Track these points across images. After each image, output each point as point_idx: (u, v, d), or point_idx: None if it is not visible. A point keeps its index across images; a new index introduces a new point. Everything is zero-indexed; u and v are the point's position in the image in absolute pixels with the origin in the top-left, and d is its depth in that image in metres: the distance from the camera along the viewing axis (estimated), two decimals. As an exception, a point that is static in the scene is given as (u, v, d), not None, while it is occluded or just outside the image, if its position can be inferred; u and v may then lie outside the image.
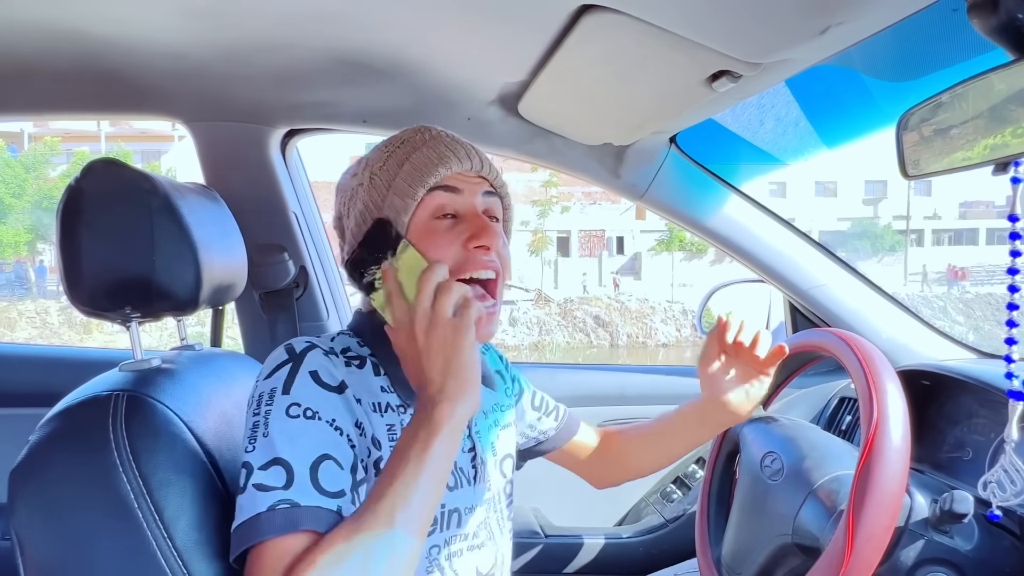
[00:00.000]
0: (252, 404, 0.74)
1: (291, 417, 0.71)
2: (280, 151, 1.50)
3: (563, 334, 22.35)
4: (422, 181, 0.80)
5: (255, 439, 0.71)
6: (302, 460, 0.69)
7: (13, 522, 0.72)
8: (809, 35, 0.85)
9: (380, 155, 0.84)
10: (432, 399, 0.71)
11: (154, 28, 1.01)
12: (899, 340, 1.48)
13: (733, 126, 1.56)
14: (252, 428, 0.72)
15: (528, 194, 29.05)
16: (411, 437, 0.70)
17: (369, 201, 0.82)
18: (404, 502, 0.67)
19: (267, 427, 0.71)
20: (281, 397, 0.72)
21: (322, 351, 0.77)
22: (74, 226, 0.82)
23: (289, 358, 0.75)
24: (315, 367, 0.75)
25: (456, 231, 0.81)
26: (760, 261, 1.53)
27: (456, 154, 0.82)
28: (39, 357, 1.81)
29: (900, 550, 0.85)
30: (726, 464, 1.15)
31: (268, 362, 0.77)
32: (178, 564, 0.72)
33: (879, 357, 0.88)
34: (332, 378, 0.75)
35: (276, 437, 0.70)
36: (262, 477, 0.68)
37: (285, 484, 0.68)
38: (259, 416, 0.72)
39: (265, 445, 0.70)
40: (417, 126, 0.86)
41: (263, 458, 0.69)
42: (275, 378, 0.74)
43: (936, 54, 1.15)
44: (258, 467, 0.69)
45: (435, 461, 0.69)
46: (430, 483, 0.69)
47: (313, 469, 0.69)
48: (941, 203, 32.38)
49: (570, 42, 0.95)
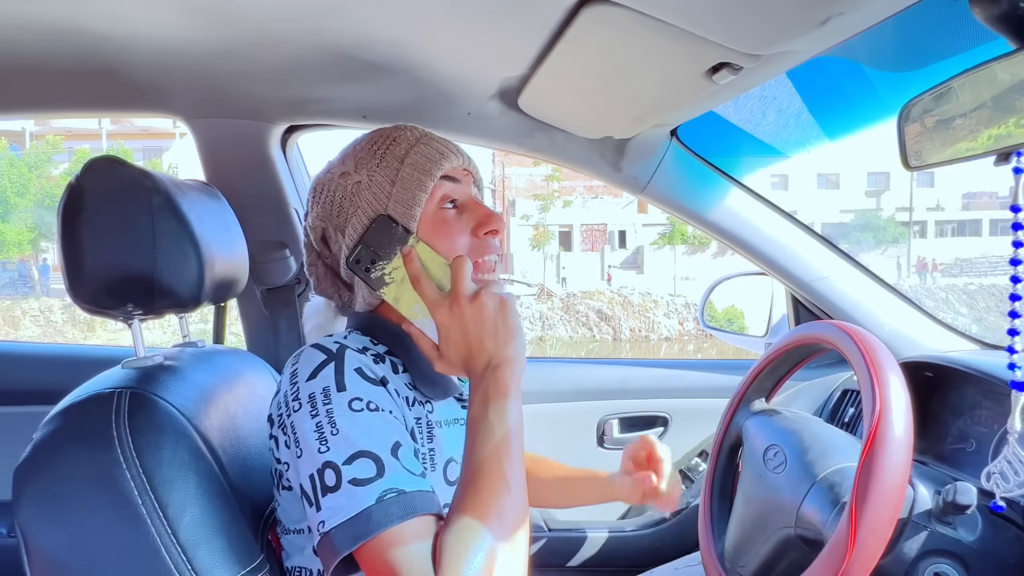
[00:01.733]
0: (301, 405, 0.72)
1: (355, 411, 0.71)
2: (281, 147, 1.50)
3: (566, 328, 22.36)
4: (430, 174, 0.83)
5: (325, 439, 0.69)
6: (383, 449, 0.69)
7: (18, 519, 0.73)
8: (810, 26, 0.85)
9: (371, 153, 0.85)
10: (492, 366, 0.72)
11: (153, 25, 1.01)
12: (902, 332, 1.48)
13: (734, 118, 1.56)
14: (316, 429, 0.70)
15: (530, 188, 29.03)
16: (483, 407, 0.71)
17: (372, 199, 0.83)
18: (509, 463, 0.69)
19: (335, 425, 0.70)
20: (338, 394, 0.71)
21: (354, 350, 0.77)
22: (75, 224, 0.82)
23: (328, 357, 0.75)
24: (357, 364, 0.75)
25: (464, 219, 0.86)
26: (762, 254, 1.53)
27: (450, 149, 0.86)
28: (42, 355, 1.82)
29: (903, 542, 0.85)
30: (729, 457, 1.15)
31: (304, 362, 0.75)
32: (182, 559, 0.72)
33: (881, 349, 0.88)
34: (374, 373, 0.76)
35: (350, 432, 0.69)
36: (353, 472, 0.68)
37: (378, 472, 0.67)
38: (319, 416, 0.70)
39: (341, 441, 0.69)
40: (397, 125, 0.88)
41: (344, 454, 0.68)
42: (323, 377, 0.73)
43: (938, 44, 1.14)
44: (343, 463, 0.68)
45: (517, 422, 0.71)
46: (519, 445, 0.71)
47: (395, 455, 0.70)
48: (944, 194, 32.30)
49: (570, 36, 0.95)
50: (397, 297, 0.79)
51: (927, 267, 27.43)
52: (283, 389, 0.76)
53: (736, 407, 1.14)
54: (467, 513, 0.66)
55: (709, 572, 1.05)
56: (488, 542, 0.64)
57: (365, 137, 0.88)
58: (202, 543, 0.74)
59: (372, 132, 0.89)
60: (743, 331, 1.99)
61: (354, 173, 0.84)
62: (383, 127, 0.88)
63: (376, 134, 0.87)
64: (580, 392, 1.75)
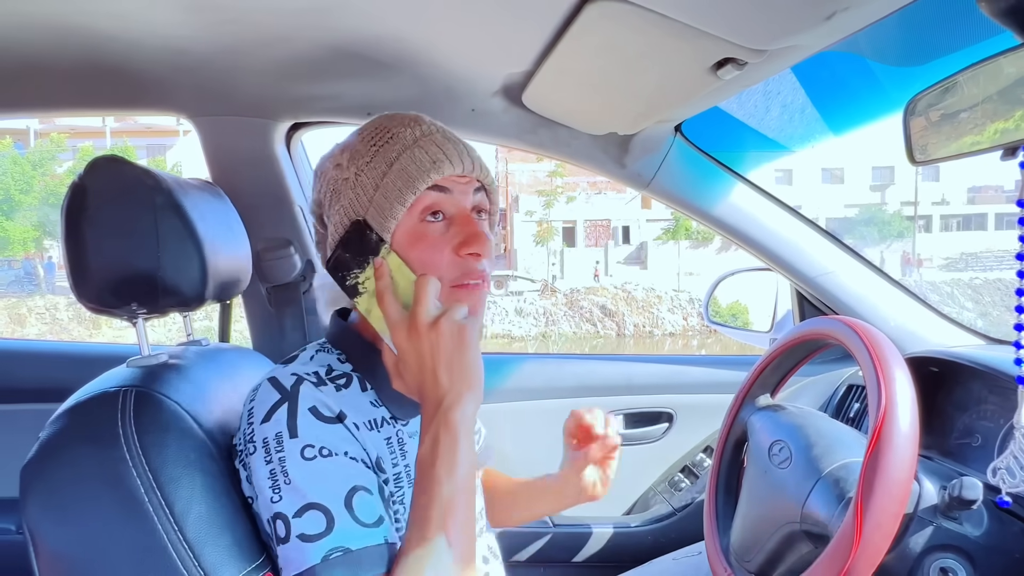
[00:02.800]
0: (255, 449, 0.71)
1: (307, 460, 0.69)
2: (285, 145, 1.50)
3: (570, 324, 22.36)
4: (412, 186, 0.76)
5: (278, 488, 0.69)
6: (335, 499, 0.68)
7: (25, 517, 0.73)
8: (815, 21, 0.84)
9: (366, 148, 0.79)
10: (442, 402, 0.69)
11: (156, 23, 1.01)
12: (907, 327, 1.47)
13: (739, 113, 1.55)
14: (270, 476, 0.69)
15: (533, 184, 28.99)
16: (433, 447, 0.69)
17: (354, 199, 0.78)
18: (451, 511, 0.67)
19: (287, 475, 0.69)
20: (290, 441, 0.70)
21: (311, 384, 0.74)
22: (79, 223, 0.82)
23: (282, 396, 0.72)
24: (312, 402, 0.72)
25: (448, 235, 0.79)
26: (766, 249, 1.52)
27: (449, 156, 0.78)
28: (48, 353, 1.83)
29: (909, 537, 0.85)
30: (734, 453, 1.14)
31: (259, 402, 0.73)
32: (189, 557, 0.72)
33: (887, 344, 0.87)
34: (330, 410, 0.73)
35: (300, 482, 0.68)
36: (302, 526, 0.67)
37: (326, 528, 0.67)
38: (272, 464, 0.70)
39: (292, 492, 0.68)
40: (405, 115, 0.82)
41: (295, 506, 0.68)
42: (276, 421, 0.71)
43: (943, 38, 1.14)
44: (292, 516, 0.67)
45: (464, 464, 0.69)
46: (467, 487, 0.69)
47: (348, 506, 0.68)
48: (949, 189, 32.15)
49: (573, 31, 0.95)
50: (369, 309, 0.75)
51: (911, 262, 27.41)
52: (242, 425, 0.75)
53: (741, 403, 1.14)
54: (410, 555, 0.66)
55: (715, 568, 1.05)
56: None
57: (370, 126, 0.83)
58: (208, 540, 0.74)
59: (379, 120, 0.83)
60: (747, 327, 1.99)
61: (345, 167, 0.80)
62: (394, 114, 0.83)
63: (380, 124, 0.82)
64: (584, 388, 1.75)
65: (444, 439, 0.68)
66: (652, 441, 1.76)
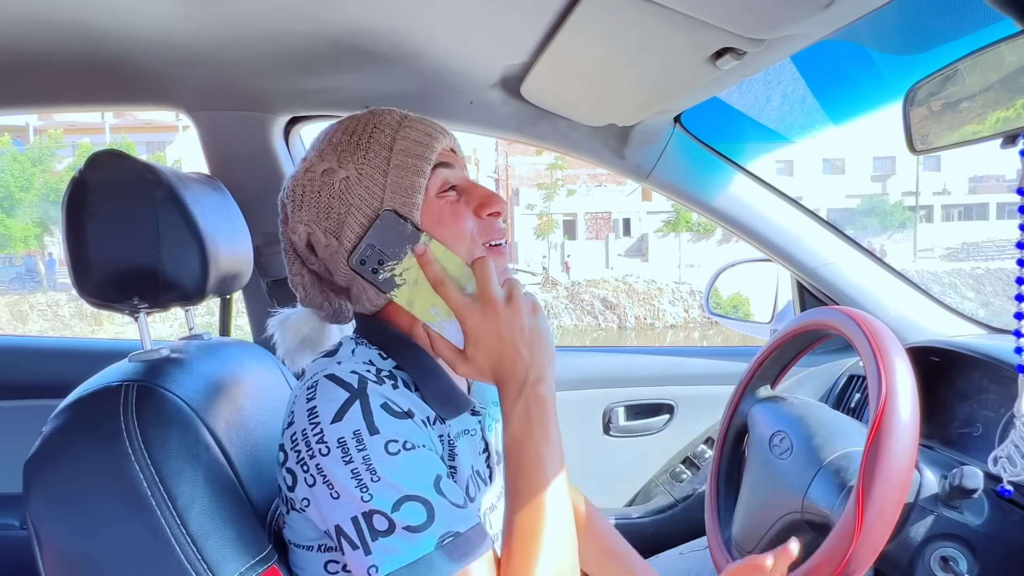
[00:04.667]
0: (330, 450, 0.67)
1: (392, 455, 0.67)
2: (284, 138, 1.50)
3: (571, 317, 22.37)
4: (424, 157, 0.77)
5: (366, 486, 0.66)
6: (427, 489, 0.67)
7: (29, 512, 0.74)
8: (814, 9, 0.84)
9: (353, 145, 0.78)
10: (528, 376, 0.71)
11: (153, 17, 1.01)
12: (908, 317, 1.47)
13: (738, 104, 1.55)
14: (353, 476, 0.66)
15: (533, 177, 28.96)
16: (525, 420, 0.70)
17: (366, 194, 0.76)
18: (555, 481, 0.69)
19: (374, 472, 0.66)
20: (372, 439, 0.67)
21: (372, 380, 0.72)
22: (79, 218, 0.82)
23: (351, 395, 0.69)
24: (382, 399, 0.70)
25: (463, 202, 0.81)
26: (767, 240, 1.52)
27: (436, 130, 0.81)
28: (50, 349, 1.83)
29: (910, 526, 0.85)
30: (735, 444, 1.15)
31: (324, 402, 0.69)
32: (192, 550, 0.73)
33: (887, 333, 0.87)
34: (399, 407, 0.71)
35: (391, 477, 0.66)
36: (404, 518, 0.65)
37: (429, 517, 0.66)
38: (354, 463, 0.66)
39: (385, 488, 0.66)
40: (370, 110, 0.82)
41: (390, 500, 0.65)
42: (350, 420, 0.68)
43: (943, 25, 1.13)
44: (391, 511, 0.65)
45: (556, 434, 0.71)
46: (561, 454, 0.71)
47: (440, 492, 0.67)
48: (951, 178, 32.12)
49: (571, 22, 0.94)
50: (411, 300, 0.74)
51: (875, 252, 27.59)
52: (300, 425, 0.70)
53: (742, 394, 1.14)
54: (523, 526, 0.67)
55: (716, 559, 1.06)
56: (547, 552, 0.66)
57: (338, 128, 0.80)
58: (211, 534, 0.74)
59: (344, 121, 0.81)
60: (748, 318, 1.99)
61: (339, 169, 0.77)
62: (354, 114, 0.82)
63: (351, 123, 0.80)
64: (585, 380, 1.76)
65: (535, 411, 0.70)
66: (653, 433, 1.76)
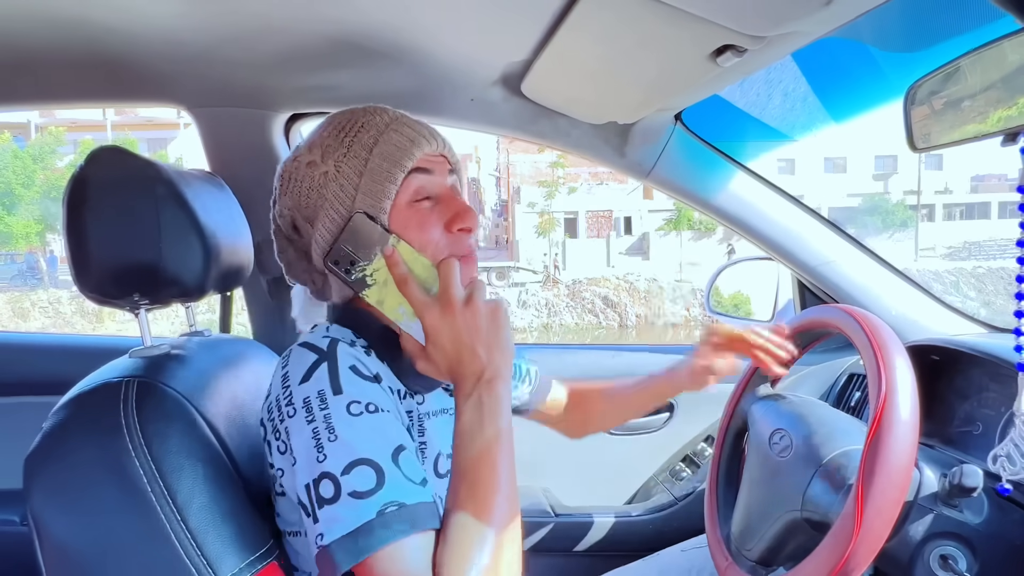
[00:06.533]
0: (295, 411, 0.69)
1: (354, 415, 0.68)
2: (284, 135, 1.50)
3: (572, 315, 22.37)
4: (400, 164, 0.78)
5: (322, 446, 0.66)
6: (383, 455, 0.67)
7: (30, 507, 0.74)
8: (814, 6, 0.84)
9: (338, 142, 0.79)
10: (486, 378, 0.72)
11: (154, 14, 1.01)
12: (909, 316, 1.47)
13: (740, 102, 1.55)
14: (313, 436, 0.67)
15: (534, 176, 28.94)
16: (477, 411, 0.71)
17: (338, 191, 0.78)
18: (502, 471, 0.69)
19: (333, 431, 0.67)
20: (335, 398, 0.68)
21: (346, 344, 0.74)
22: (80, 214, 0.82)
23: (320, 356, 0.72)
24: (351, 361, 0.72)
25: (436, 213, 0.80)
26: (768, 239, 1.52)
27: (423, 135, 0.80)
28: (51, 346, 1.83)
29: (909, 524, 0.85)
30: (734, 442, 1.15)
31: (294, 364, 0.72)
32: (192, 546, 0.73)
33: (887, 331, 0.87)
34: (368, 369, 0.73)
35: (348, 438, 0.67)
36: (352, 483, 0.65)
37: (378, 483, 0.65)
38: (316, 422, 0.67)
39: (339, 448, 0.66)
40: (367, 107, 0.83)
41: (342, 462, 0.66)
42: (317, 379, 0.70)
43: (945, 22, 1.13)
44: (341, 473, 0.65)
45: (507, 434, 0.71)
46: (511, 451, 0.71)
47: (395, 462, 0.67)
48: (953, 177, 32.06)
49: (572, 19, 0.94)
50: (381, 300, 0.76)
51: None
52: (274, 392, 0.73)
53: (742, 392, 1.14)
54: (466, 517, 0.66)
55: (715, 557, 1.06)
56: (488, 545, 0.65)
57: (333, 121, 0.82)
58: (211, 529, 0.75)
59: (340, 115, 0.82)
60: (749, 316, 1.99)
61: (320, 163, 0.79)
62: (353, 108, 0.83)
63: (345, 118, 0.81)
64: (586, 378, 1.75)
65: (488, 402, 0.71)
66: (653, 431, 1.76)
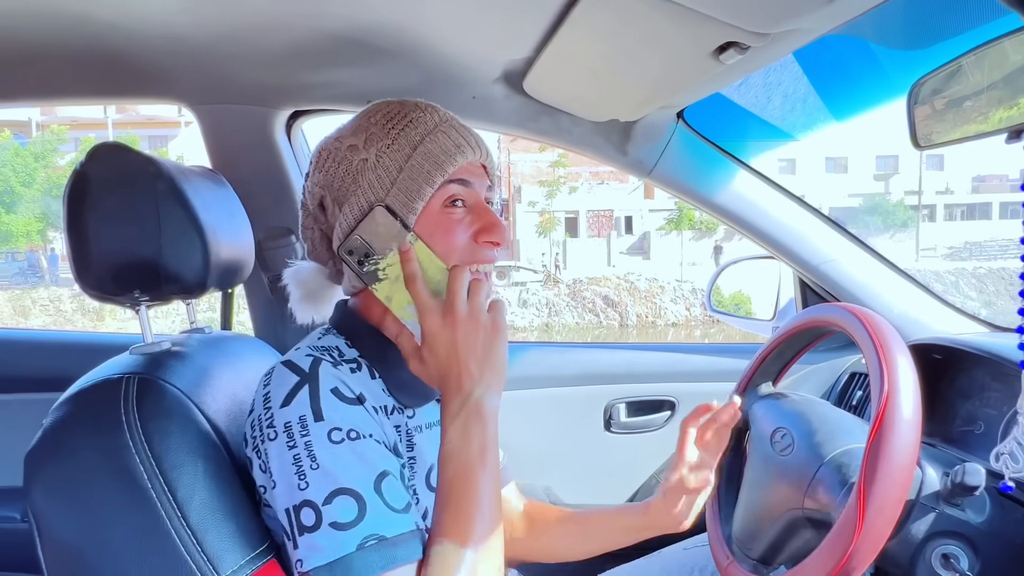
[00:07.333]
0: (276, 434, 0.68)
1: (335, 443, 0.67)
2: (285, 133, 1.50)
3: (572, 315, 22.36)
4: (441, 168, 0.77)
5: (304, 473, 0.66)
6: (365, 484, 0.66)
7: (30, 504, 0.74)
8: (817, 3, 0.84)
9: (384, 131, 0.78)
10: (472, 392, 0.71)
11: (156, 10, 1.01)
12: (911, 315, 1.47)
13: (741, 100, 1.54)
14: (294, 462, 0.67)
15: (535, 175, 28.92)
16: (464, 433, 0.70)
17: (374, 181, 0.77)
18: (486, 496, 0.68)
19: (314, 459, 0.66)
20: (316, 424, 0.68)
21: (329, 363, 0.73)
22: (81, 211, 0.82)
23: (301, 378, 0.71)
24: (333, 383, 0.71)
25: (466, 222, 0.80)
26: (770, 237, 1.52)
27: (468, 143, 0.79)
28: (51, 342, 1.83)
29: (911, 523, 0.85)
30: (736, 441, 1.14)
31: (276, 385, 0.71)
32: (192, 542, 0.73)
33: (889, 330, 0.87)
34: (351, 391, 0.72)
35: (330, 466, 0.66)
36: (333, 513, 0.65)
37: (359, 515, 0.65)
38: (297, 448, 0.67)
39: (321, 477, 0.66)
40: (417, 102, 0.82)
41: (324, 491, 0.65)
42: (298, 404, 0.69)
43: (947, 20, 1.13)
44: (322, 503, 0.65)
45: (494, 450, 0.71)
46: (495, 473, 0.70)
47: (378, 491, 0.67)
48: (954, 178, 32.05)
49: (574, 17, 0.94)
50: (390, 296, 0.75)
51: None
52: (256, 411, 0.72)
53: (743, 391, 1.14)
54: (447, 546, 0.66)
55: (716, 556, 1.06)
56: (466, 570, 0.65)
57: (381, 109, 0.81)
58: (211, 526, 0.74)
59: (389, 105, 0.81)
60: (750, 315, 1.99)
61: (362, 149, 0.78)
62: (404, 100, 0.82)
63: (394, 109, 0.80)
64: (587, 376, 1.75)
65: (475, 426, 0.70)
66: (654, 429, 1.76)
